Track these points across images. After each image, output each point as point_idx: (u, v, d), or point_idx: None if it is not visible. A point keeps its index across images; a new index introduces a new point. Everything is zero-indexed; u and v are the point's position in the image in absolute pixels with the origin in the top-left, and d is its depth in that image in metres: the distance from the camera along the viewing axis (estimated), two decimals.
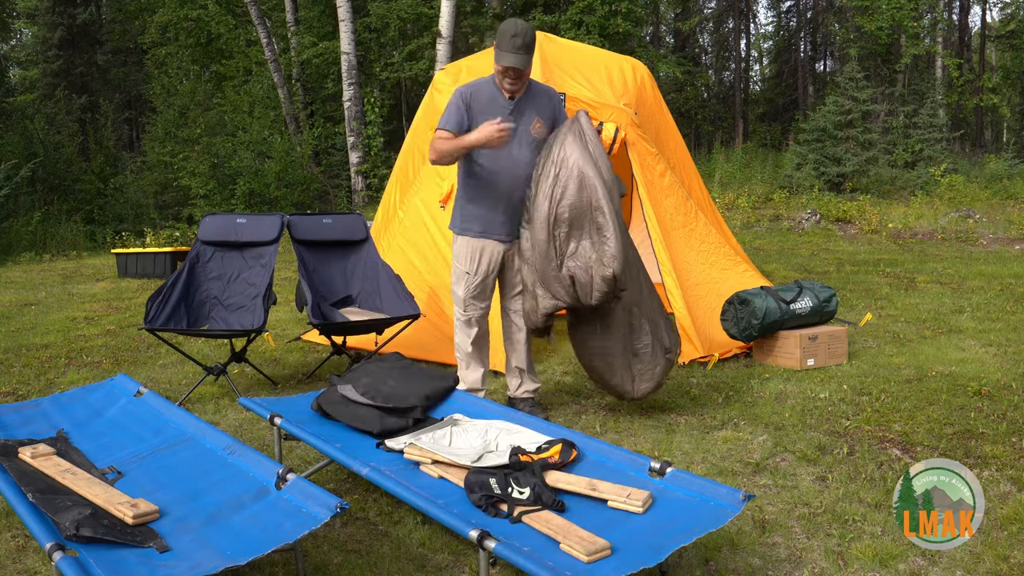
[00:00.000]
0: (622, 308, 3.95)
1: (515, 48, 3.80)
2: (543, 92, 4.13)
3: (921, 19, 18.99)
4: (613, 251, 3.63)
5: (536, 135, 4.03)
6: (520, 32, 3.80)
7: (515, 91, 3.96)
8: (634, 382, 4.03)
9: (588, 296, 3.74)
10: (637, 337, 4.01)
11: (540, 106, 4.06)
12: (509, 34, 3.79)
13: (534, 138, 4.02)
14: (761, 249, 10.44)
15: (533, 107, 4.04)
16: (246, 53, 17.75)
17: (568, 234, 3.74)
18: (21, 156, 14.02)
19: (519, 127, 3.98)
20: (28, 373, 5.44)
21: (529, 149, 4.00)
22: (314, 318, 4.83)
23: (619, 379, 4.03)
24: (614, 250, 3.63)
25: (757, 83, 36.61)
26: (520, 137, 3.99)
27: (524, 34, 3.80)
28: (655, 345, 4.04)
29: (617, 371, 4.02)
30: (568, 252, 3.76)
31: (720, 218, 6.68)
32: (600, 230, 3.67)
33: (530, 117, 4.02)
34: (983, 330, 5.88)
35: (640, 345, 4.02)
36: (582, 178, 3.68)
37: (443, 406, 3.67)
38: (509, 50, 3.81)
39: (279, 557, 2.79)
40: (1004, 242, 10.78)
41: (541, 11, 15.55)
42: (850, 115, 15.04)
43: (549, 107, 4.09)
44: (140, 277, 9.62)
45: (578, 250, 3.74)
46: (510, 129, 3.81)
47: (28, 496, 2.64)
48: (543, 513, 2.65)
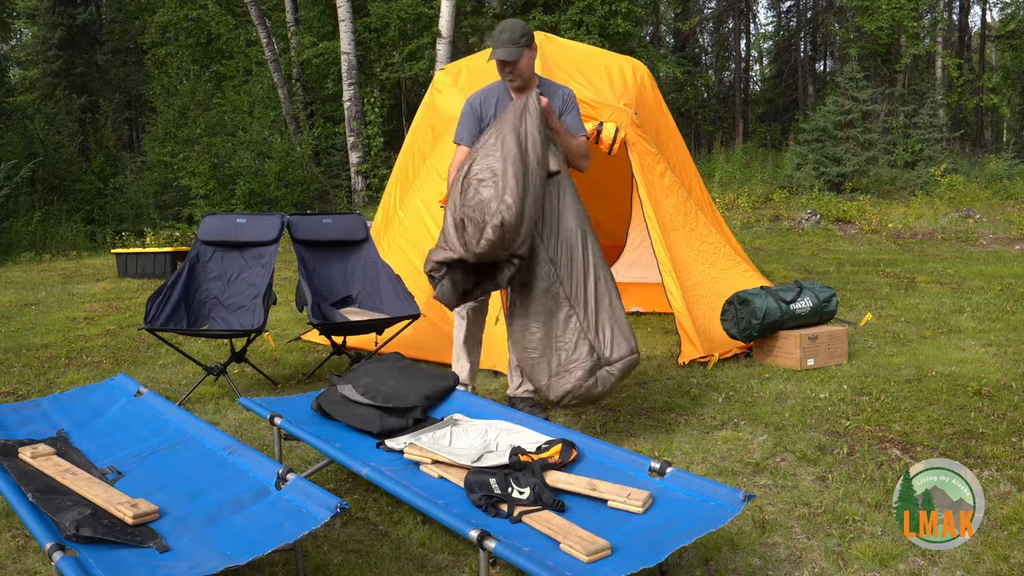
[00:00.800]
0: (546, 292, 3.75)
1: (501, 42, 3.88)
2: (553, 91, 4.18)
3: (921, 19, 19.00)
4: (509, 202, 3.47)
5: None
6: (507, 28, 3.89)
7: (518, 89, 4.01)
8: (549, 379, 3.73)
9: (475, 243, 3.53)
10: (561, 330, 3.74)
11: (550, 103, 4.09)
12: (498, 30, 3.92)
13: None
14: (761, 249, 10.44)
15: None
16: (246, 53, 17.75)
17: (476, 188, 3.60)
18: (21, 156, 14.02)
19: None
20: (28, 373, 5.44)
21: None
22: (314, 318, 4.83)
23: (536, 373, 3.76)
24: (510, 201, 3.47)
25: (757, 83, 36.63)
26: None
27: (510, 29, 3.88)
28: (581, 345, 3.72)
29: (536, 364, 3.77)
30: (468, 200, 3.61)
31: (720, 218, 6.68)
32: (501, 178, 3.53)
33: None
34: (983, 330, 5.88)
35: (562, 341, 3.73)
36: (502, 140, 3.61)
37: (443, 406, 3.67)
38: (497, 44, 3.91)
39: (279, 557, 2.79)
40: (1004, 242, 10.78)
41: (541, 11, 15.56)
42: (850, 115, 15.04)
43: (559, 106, 4.12)
44: (140, 277, 9.63)
45: (476, 197, 3.58)
46: None
47: (28, 496, 2.64)
48: (543, 513, 2.65)
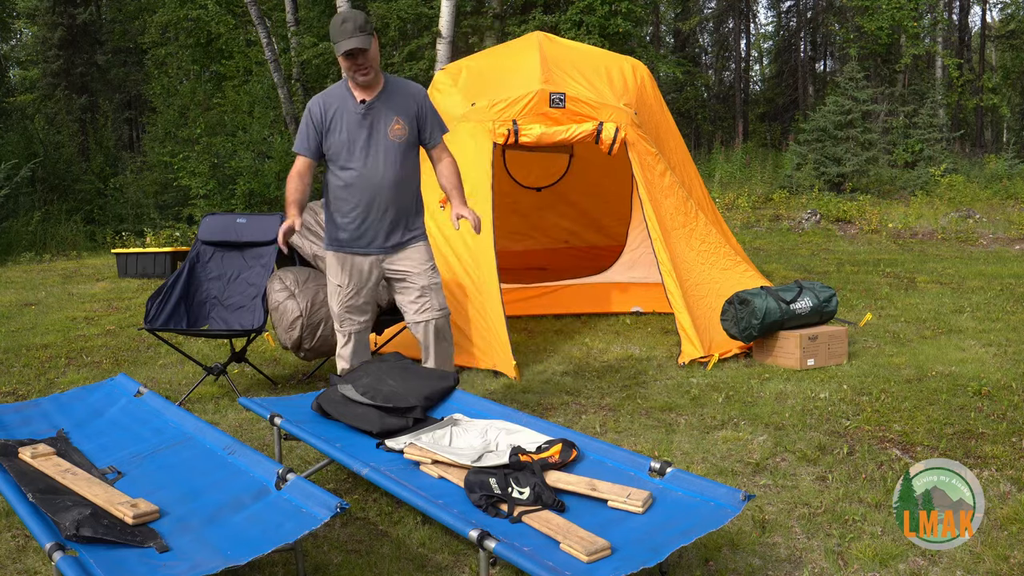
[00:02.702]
0: None
1: (346, 33, 3.59)
2: (401, 90, 3.88)
3: (921, 19, 19.00)
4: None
5: (395, 137, 3.80)
6: (348, 17, 3.61)
7: (366, 86, 3.74)
8: None
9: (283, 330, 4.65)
10: None
11: (398, 106, 3.82)
12: (339, 23, 3.62)
13: (393, 141, 3.80)
14: (761, 249, 10.44)
15: (390, 108, 3.80)
16: (246, 53, 17.73)
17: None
18: (21, 156, 14.00)
19: (374, 131, 3.78)
20: (28, 373, 5.44)
21: (387, 153, 3.79)
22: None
23: None
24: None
25: (757, 83, 36.62)
26: (376, 142, 3.78)
27: (352, 18, 3.60)
28: None
29: None
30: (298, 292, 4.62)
31: (720, 218, 6.68)
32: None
33: (387, 119, 3.79)
34: (983, 330, 5.88)
35: None
36: None
37: (443, 406, 3.67)
38: (343, 36, 3.60)
39: (279, 557, 2.79)
40: (1004, 242, 10.77)
41: (541, 11, 15.54)
42: (850, 115, 15.03)
43: (410, 105, 3.84)
44: (140, 277, 9.62)
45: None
46: (288, 230, 3.60)
47: (28, 496, 2.64)
48: (543, 513, 2.65)
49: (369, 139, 3.77)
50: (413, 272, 3.89)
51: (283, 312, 4.62)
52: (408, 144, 3.84)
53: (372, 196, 3.80)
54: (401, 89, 3.87)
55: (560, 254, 7.68)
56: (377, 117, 3.79)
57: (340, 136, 3.78)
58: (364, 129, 3.77)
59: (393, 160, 3.80)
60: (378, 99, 3.79)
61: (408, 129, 3.82)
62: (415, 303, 3.91)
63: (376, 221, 3.84)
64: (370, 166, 3.78)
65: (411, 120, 3.83)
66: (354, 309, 3.95)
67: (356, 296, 3.93)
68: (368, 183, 3.79)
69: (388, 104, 3.80)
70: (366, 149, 3.77)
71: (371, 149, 3.78)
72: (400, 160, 3.82)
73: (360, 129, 3.77)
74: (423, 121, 3.87)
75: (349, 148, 3.78)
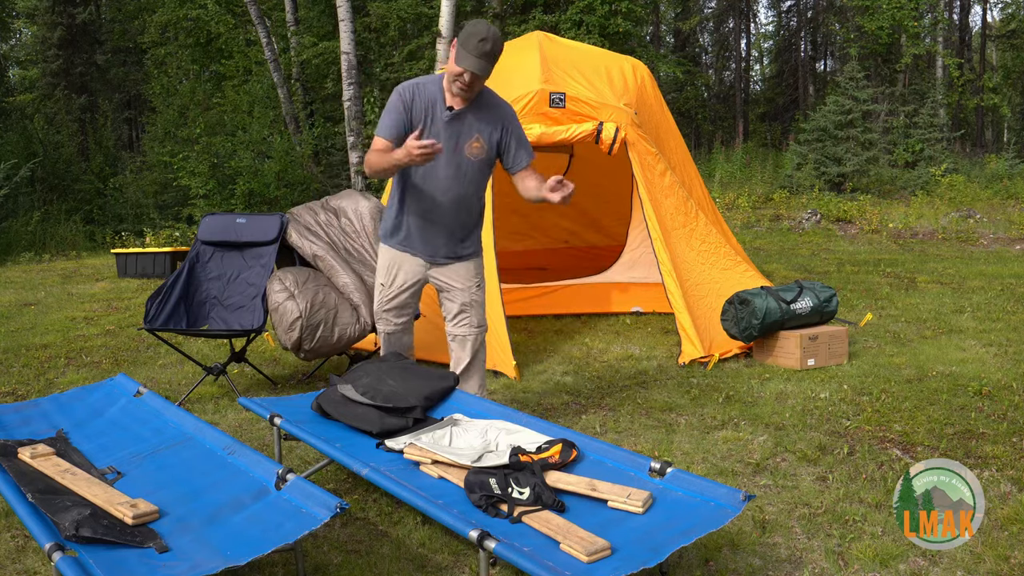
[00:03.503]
0: None
1: (481, 53, 3.35)
2: (492, 107, 3.62)
3: (921, 19, 19.01)
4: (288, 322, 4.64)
5: (472, 155, 3.58)
6: (490, 37, 3.35)
7: (464, 99, 3.52)
8: None
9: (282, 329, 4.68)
10: None
11: (483, 122, 3.58)
12: (478, 37, 3.34)
13: (468, 158, 3.58)
14: (761, 249, 10.43)
15: (475, 123, 3.56)
16: (246, 53, 17.73)
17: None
18: (21, 156, 14.01)
19: (452, 142, 3.55)
20: (28, 373, 5.44)
21: (460, 170, 3.58)
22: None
23: None
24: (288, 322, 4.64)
25: (757, 83, 36.64)
26: (449, 155, 3.55)
27: (494, 40, 3.36)
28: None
29: None
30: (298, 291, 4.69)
31: (720, 218, 6.68)
32: None
33: (468, 134, 3.56)
34: (983, 330, 5.88)
35: None
36: None
37: (443, 406, 3.67)
38: (474, 53, 3.35)
39: (279, 557, 2.79)
40: (1004, 242, 10.77)
41: (541, 11, 15.54)
42: (850, 115, 15.04)
43: (495, 124, 3.60)
44: (140, 277, 9.62)
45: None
46: (434, 148, 3.28)
47: (28, 496, 2.64)
48: (543, 513, 2.65)
49: (445, 149, 3.53)
50: (456, 288, 3.78)
51: (283, 313, 4.62)
52: (483, 163, 3.62)
53: (433, 207, 3.64)
54: (492, 106, 3.62)
55: (560, 254, 7.68)
56: (460, 130, 3.55)
57: (422, 135, 3.52)
58: (443, 138, 3.52)
59: (463, 178, 3.61)
60: (467, 110, 3.55)
61: (487, 149, 3.60)
62: (455, 317, 3.85)
63: (432, 233, 3.70)
64: (439, 178, 3.58)
65: (491, 140, 3.61)
66: (392, 310, 3.88)
67: (397, 298, 3.85)
68: (432, 194, 3.62)
69: (475, 118, 3.57)
70: (440, 158, 3.51)
71: (444, 161, 3.55)
72: (470, 178, 3.62)
73: (439, 137, 3.52)
74: (506, 144, 3.63)
75: None
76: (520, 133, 3.68)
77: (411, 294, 3.86)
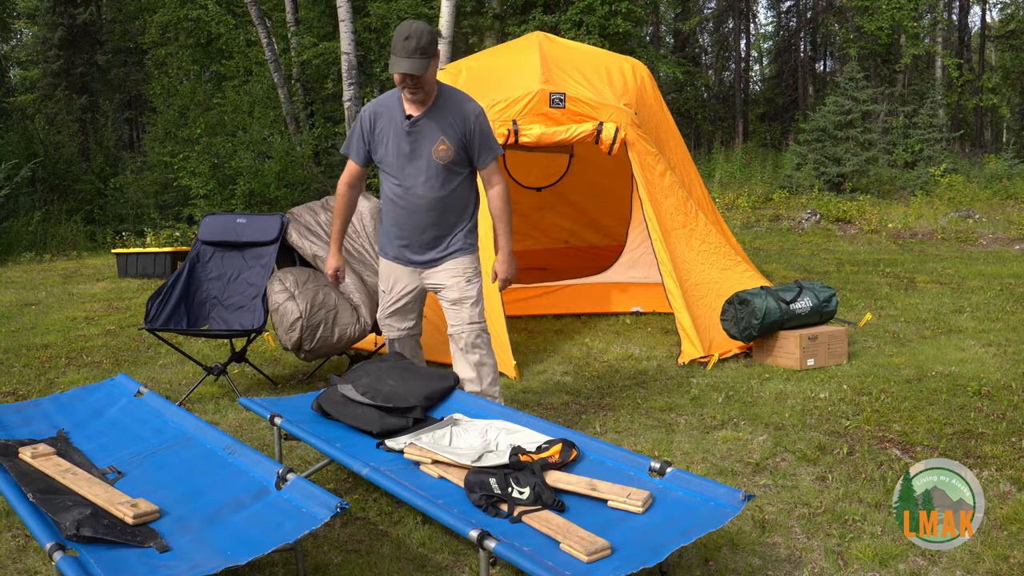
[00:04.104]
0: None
1: (409, 52, 3.32)
2: (453, 107, 3.59)
3: (921, 19, 19.01)
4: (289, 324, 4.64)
5: (439, 158, 3.58)
6: (415, 34, 3.32)
7: (418, 102, 3.52)
8: None
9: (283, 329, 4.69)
10: None
11: (446, 124, 3.56)
12: (403, 36, 3.33)
13: (436, 162, 3.58)
14: (761, 249, 10.44)
15: (437, 126, 3.56)
16: (246, 53, 17.73)
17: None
18: (21, 156, 14.00)
19: (418, 149, 3.59)
20: (28, 373, 5.44)
21: (429, 173, 3.60)
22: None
23: None
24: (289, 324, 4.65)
25: (757, 83, 36.63)
26: (418, 161, 3.59)
27: (419, 36, 3.32)
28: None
29: None
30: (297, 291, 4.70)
31: (720, 218, 6.68)
32: None
33: (432, 137, 3.56)
34: (983, 330, 5.88)
35: None
36: None
37: (443, 406, 3.67)
38: (403, 55, 3.33)
39: (279, 557, 2.80)
40: (1004, 242, 10.77)
41: (541, 11, 15.55)
42: (850, 115, 15.04)
43: (458, 124, 3.58)
44: (140, 277, 9.62)
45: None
46: (336, 274, 3.87)
47: (28, 496, 2.64)
48: (543, 513, 2.65)
49: (412, 157, 3.59)
50: (446, 285, 3.79)
51: (283, 313, 4.63)
52: (453, 164, 3.62)
53: (411, 214, 3.68)
54: (453, 106, 3.59)
55: (560, 254, 7.68)
56: (422, 135, 3.57)
57: (387, 149, 3.63)
58: (408, 146, 3.58)
59: (434, 181, 3.61)
60: (426, 115, 3.56)
61: (454, 150, 3.59)
62: (448, 315, 3.85)
63: (415, 238, 3.73)
64: (412, 184, 3.63)
65: (458, 141, 3.59)
66: (393, 316, 3.93)
67: (395, 304, 3.89)
68: (408, 201, 3.66)
69: (435, 122, 3.56)
70: (409, 167, 3.60)
71: (414, 167, 3.61)
72: (443, 181, 3.62)
73: (404, 146, 3.59)
74: (471, 142, 3.61)
75: (393, 163, 3.64)
76: (485, 130, 3.64)
77: (411, 299, 3.91)
